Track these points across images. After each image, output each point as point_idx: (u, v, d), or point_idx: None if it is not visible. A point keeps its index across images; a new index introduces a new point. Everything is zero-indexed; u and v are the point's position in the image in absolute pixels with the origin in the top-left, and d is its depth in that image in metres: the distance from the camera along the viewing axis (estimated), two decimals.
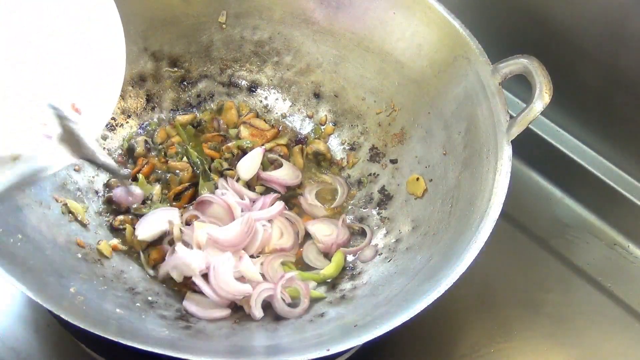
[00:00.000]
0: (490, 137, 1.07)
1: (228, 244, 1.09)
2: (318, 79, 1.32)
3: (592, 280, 1.32)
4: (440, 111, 1.17)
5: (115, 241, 1.12)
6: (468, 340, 1.22)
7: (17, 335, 1.14)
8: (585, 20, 1.23)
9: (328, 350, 0.87)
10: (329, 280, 1.14)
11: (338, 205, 1.25)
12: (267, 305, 1.08)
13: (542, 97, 1.03)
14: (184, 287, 1.10)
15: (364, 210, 1.23)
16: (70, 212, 1.10)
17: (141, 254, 1.12)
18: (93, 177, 1.19)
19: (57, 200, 1.10)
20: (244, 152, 1.25)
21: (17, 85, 0.87)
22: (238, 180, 1.21)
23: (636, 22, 1.16)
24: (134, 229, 1.14)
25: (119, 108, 1.25)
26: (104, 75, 0.95)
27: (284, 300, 1.07)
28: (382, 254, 1.15)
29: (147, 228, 1.13)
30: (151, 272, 1.11)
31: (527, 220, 1.36)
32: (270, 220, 1.16)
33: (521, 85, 1.11)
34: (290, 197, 1.23)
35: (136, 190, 1.07)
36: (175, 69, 1.31)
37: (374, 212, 1.23)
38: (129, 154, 1.24)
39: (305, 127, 1.34)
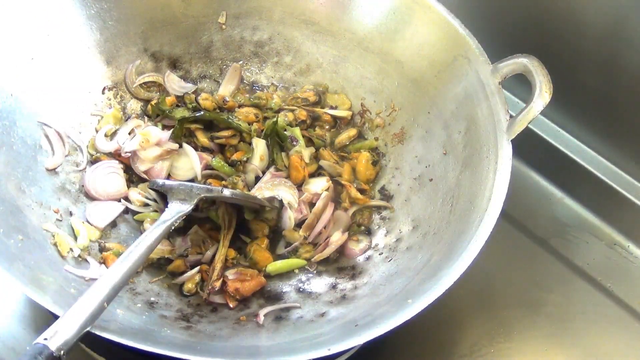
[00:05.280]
0: (490, 136, 1.07)
1: None
2: (318, 79, 1.32)
3: (592, 280, 1.32)
4: (440, 111, 1.18)
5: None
6: (468, 340, 1.22)
7: (17, 335, 1.14)
8: (585, 20, 1.23)
9: (329, 349, 0.87)
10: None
11: None
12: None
13: (542, 96, 1.03)
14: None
15: (364, 210, 1.23)
16: (55, 244, 1.06)
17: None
18: None
19: (55, 212, 1.10)
20: None
21: None
22: None
23: (636, 22, 1.16)
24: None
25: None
26: None
27: None
28: (382, 253, 1.15)
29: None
30: None
31: (527, 220, 1.36)
32: None
33: (521, 85, 1.11)
34: None
35: None
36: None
37: (374, 211, 1.22)
38: None
39: None
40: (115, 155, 1.21)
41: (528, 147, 1.21)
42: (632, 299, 1.30)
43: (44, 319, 1.14)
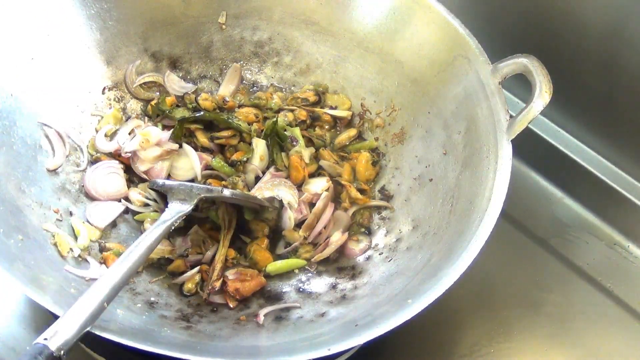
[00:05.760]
0: (490, 136, 1.07)
1: None
2: (318, 79, 1.32)
3: (592, 280, 1.32)
4: (440, 111, 1.18)
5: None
6: (468, 340, 1.22)
7: (17, 335, 1.14)
8: (585, 20, 1.23)
9: (329, 350, 0.87)
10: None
11: None
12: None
13: (542, 96, 1.03)
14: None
15: (364, 210, 1.23)
16: (55, 244, 1.06)
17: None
18: None
19: (55, 212, 1.10)
20: None
21: None
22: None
23: (636, 22, 1.17)
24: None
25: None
26: None
27: None
28: (382, 253, 1.15)
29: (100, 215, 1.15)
30: None
31: (527, 220, 1.36)
32: None
33: (521, 85, 1.11)
34: None
35: None
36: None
37: (374, 211, 1.22)
38: None
39: None
40: (115, 155, 1.21)
41: (528, 147, 1.21)
42: (632, 299, 1.30)
43: (44, 319, 1.14)
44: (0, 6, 1.11)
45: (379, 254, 1.15)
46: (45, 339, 0.78)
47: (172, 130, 1.22)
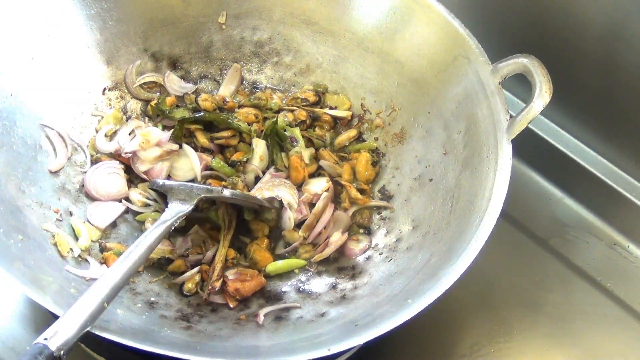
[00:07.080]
0: (490, 136, 1.07)
1: None
2: (318, 79, 1.32)
3: (592, 280, 1.32)
4: (440, 111, 1.18)
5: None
6: (468, 340, 1.22)
7: (17, 335, 1.14)
8: (585, 20, 1.23)
9: (329, 349, 0.87)
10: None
11: None
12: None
13: (542, 96, 1.03)
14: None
15: (364, 210, 1.23)
16: (55, 244, 1.06)
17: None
18: None
19: (55, 212, 1.10)
20: None
21: None
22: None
23: (636, 22, 1.17)
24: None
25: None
26: None
27: None
28: (382, 253, 1.15)
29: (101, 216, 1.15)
30: None
31: (527, 220, 1.36)
32: None
33: (521, 85, 1.11)
34: None
35: None
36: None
37: (374, 211, 1.22)
38: None
39: None
40: (116, 155, 1.21)
41: (528, 147, 1.21)
42: (632, 299, 1.30)
43: (44, 319, 1.14)
44: (0, 6, 1.11)
45: (379, 254, 1.15)
46: (45, 339, 0.78)
47: (172, 130, 1.22)
